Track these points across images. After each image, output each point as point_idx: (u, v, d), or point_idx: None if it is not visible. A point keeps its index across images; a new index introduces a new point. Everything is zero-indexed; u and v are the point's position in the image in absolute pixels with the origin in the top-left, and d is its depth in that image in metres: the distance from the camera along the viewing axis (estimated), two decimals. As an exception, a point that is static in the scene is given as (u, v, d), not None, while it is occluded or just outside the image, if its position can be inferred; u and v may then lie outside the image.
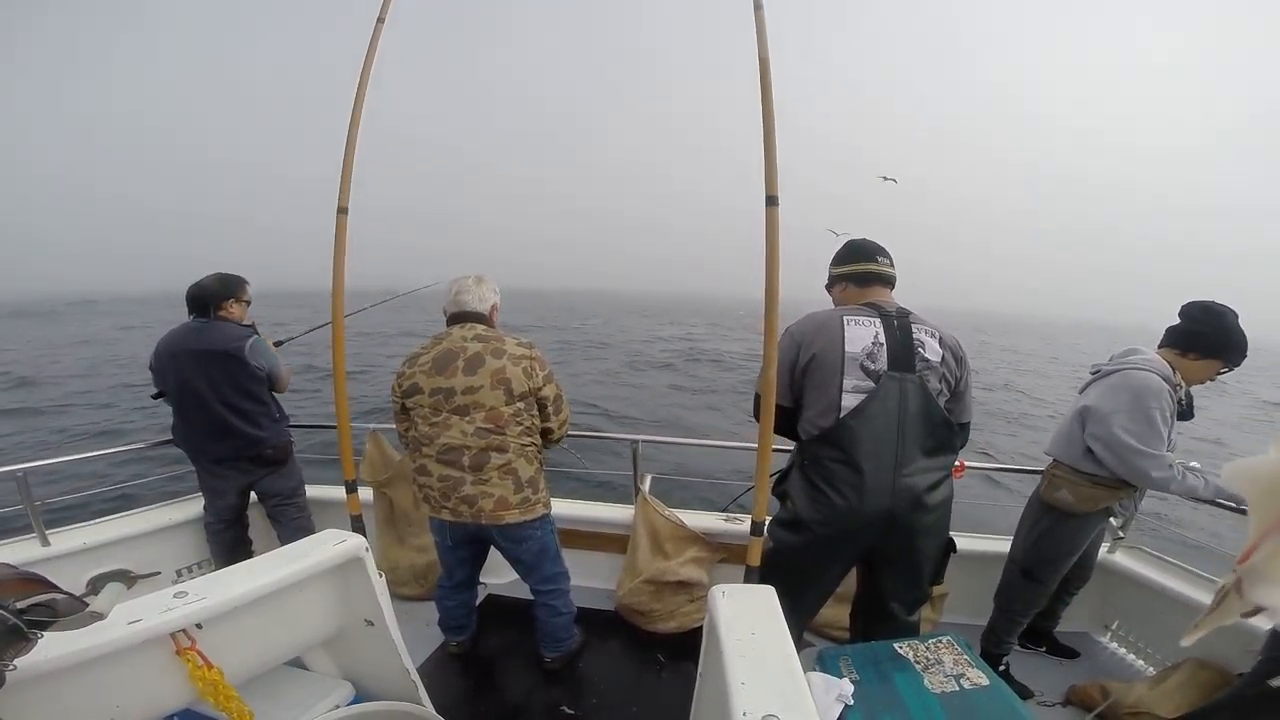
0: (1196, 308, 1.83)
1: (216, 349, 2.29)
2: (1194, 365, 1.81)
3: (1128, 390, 1.77)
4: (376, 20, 1.95)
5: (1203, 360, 1.80)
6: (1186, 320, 1.84)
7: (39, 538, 2.24)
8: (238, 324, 2.41)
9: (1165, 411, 1.73)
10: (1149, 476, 1.73)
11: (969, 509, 3.11)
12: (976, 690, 1.27)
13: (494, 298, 1.96)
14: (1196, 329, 1.81)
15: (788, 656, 1.03)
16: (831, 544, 1.58)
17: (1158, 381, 1.75)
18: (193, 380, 2.28)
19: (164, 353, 2.31)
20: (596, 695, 2.03)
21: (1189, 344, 1.81)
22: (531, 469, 1.88)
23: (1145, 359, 1.83)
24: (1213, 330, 1.79)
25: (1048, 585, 2.03)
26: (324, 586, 1.44)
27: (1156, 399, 1.73)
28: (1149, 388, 1.74)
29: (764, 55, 1.56)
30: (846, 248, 1.73)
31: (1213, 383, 1.86)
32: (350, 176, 1.91)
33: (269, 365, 2.40)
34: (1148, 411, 1.73)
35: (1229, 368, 1.80)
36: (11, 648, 0.73)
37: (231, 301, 2.40)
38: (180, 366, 2.28)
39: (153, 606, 1.10)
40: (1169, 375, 1.78)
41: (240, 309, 2.44)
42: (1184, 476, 1.73)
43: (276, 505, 2.53)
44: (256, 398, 2.39)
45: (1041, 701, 2.02)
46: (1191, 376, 1.83)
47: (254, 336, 2.39)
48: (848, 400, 1.51)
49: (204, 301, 2.35)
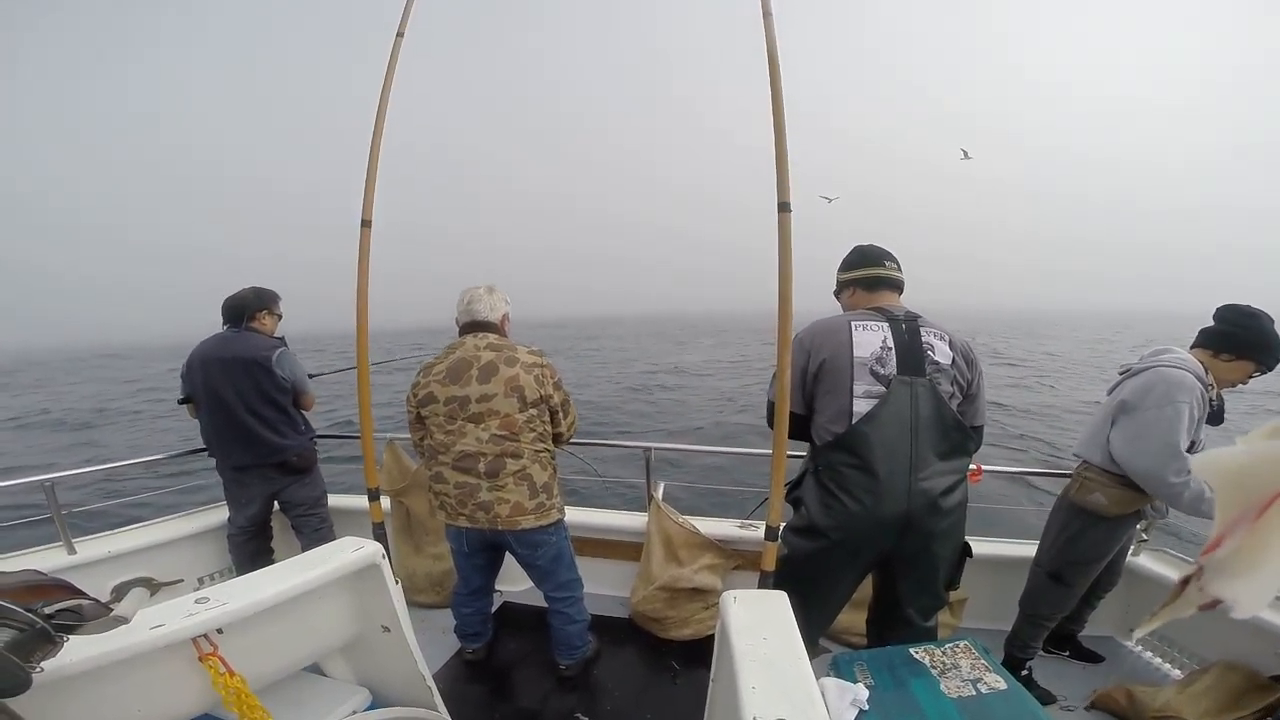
0: (1230, 310, 1.81)
1: (244, 357, 2.37)
2: (1226, 366, 1.78)
3: (1162, 384, 1.74)
4: (396, 34, 1.98)
5: (1236, 361, 1.77)
6: (1220, 322, 1.82)
7: (65, 546, 2.30)
8: (268, 335, 2.50)
9: (1195, 410, 1.70)
10: (1164, 479, 1.67)
11: (991, 512, 3.07)
12: (994, 695, 1.25)
13: (505, 307, 1.99)
14: (1230, 330, 1.79)
15: (799, 661, 1.02)
16: (846, 550, 1.56)
17: (1190, 379, 1.72)
18: (220, 388, 2.34)
19: (194, 360, 2.38)
20: (611, 702, 2.03)
21: (1222, 344, 1.79)
22: (546, 474, 1.90)
23: (1178, 357, 1.80)
24: (1246, 331, 1.76)
25: (1076, 589, 1.99)
26: (342, 593, 1.46)
27: (1188, 395, 1.70)
28: (1182, 384, 1.71)
29: (774, 60, 1.57)
30: (855, 253, 1.73)
31: (1245, 386, 1.82)
32: (374, 189, 1.93)
33: (295, 377, 2.46)
34: (1177, 406, 1.69)
35: (1262, 369, 1.77)
36: (39, 650, 0.75)
37: (265, 313, 2.50)
38: (209, 373, 2.35)
39: (175, 611, 1.13)
40: (1201, 375, 1.75)
41: (272, 321, 2.54)
42: (1197, 484, 1.66)
43: (300, 515, 2.56)
44: (281, 407, 2.45)
45: (1065, 706, 1.98)
46: (1224, 378, 1.80)
47: (282, 348, 2.46)
48: (859, 405, 1.51)
49: (239, 311, 2.44)
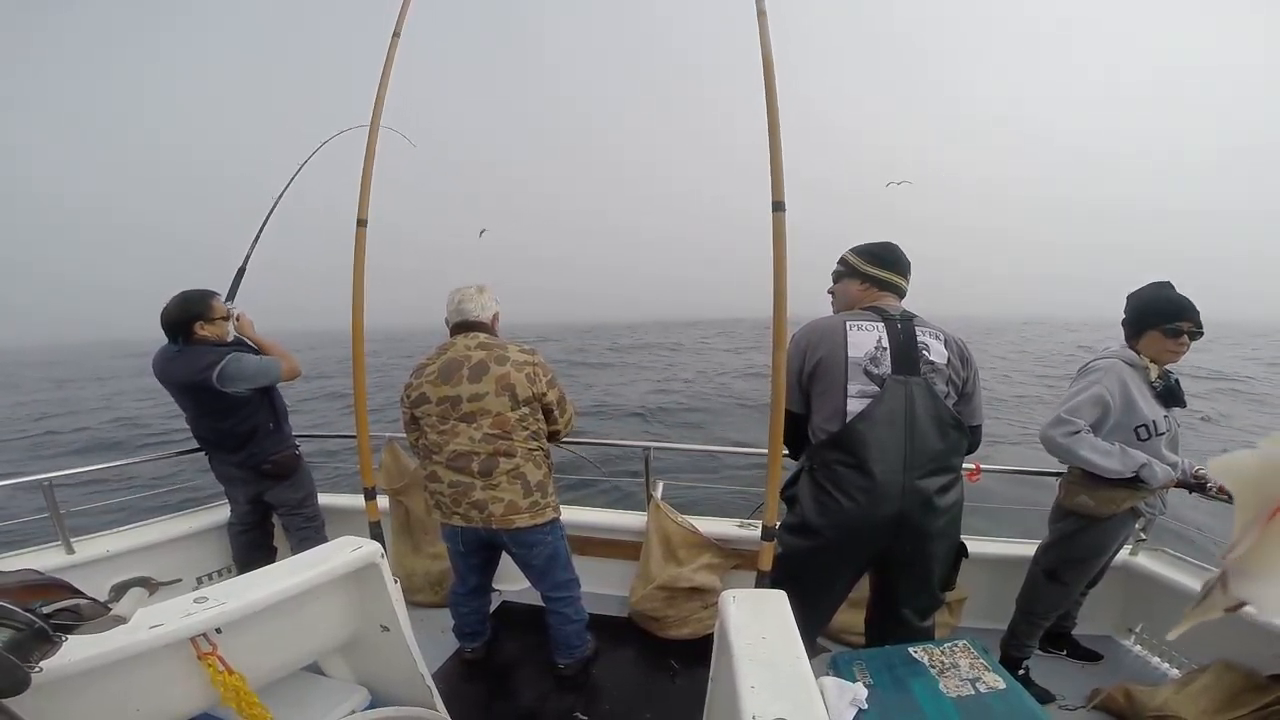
0: (1127, 299, 1.92)
1: (184, 381, 2.19)
2: (1146, 344, 1.85)
3: (1079, 374, 1.88)
4: (392, 35, 1.99)
5: (1145, 336, 1.85)
6: (1123, 313, 1.93)
7: (64, 545, 2.30)
8: (213, 346, 2.21)
9: (1110, 386, 1.78)
10: (1046, 434, 1.80)
11: (989, 512, 3.07)
12: (993, 694, 1.26)
13: (495, 306, 1.99)
14: (1126, 316, 1.91)
15: (798, 660, 1.02)
16: (840, 548, 1.57)
17: (1106, 361, 1.83)
18: (185, 404, 2.28)
19: (157, 375, 2.25)
20: (610, 701, 2.03)
21: (1129, 331, 1.90)
22: (540, 473, 1.90)
23: (1108, 349, 1.92)
24: (1132, 309, 1.88)
25: (1072, 588, 2.01)
26: (341, 592, 1.46)
27: (1100, 375, 1.80)
28: (1096, 366, 1.83)
29: (768, 59, 1.57)
30: (887, 251, 1.68)
31: (1190, 351, 1.85)
32: (370, 188, 1.94)
33: (250, 382, 2.23)
34: (1088, 385, 1.80)
35: (1175, 329, 1.79)
36: (38, 650, 0.75)
37: (200, 323, 2.19)
38: (172, 390, 2.26)
39: (174, 611, 1.13)
40: (1133, 359, 1.83)
41: (214, 328, 2.22)
42: (1088, 442, 1.75)
43: (285, 514, 2.51)
44: (245, 417, 2.28)
45: (1064, 705, 1.98)
46: (1155, 356, 1.84)
47: (225, 359, 2.16)
48: (853, 405, 1.51)
49: (173, 329, 2.19)
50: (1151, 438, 1.79)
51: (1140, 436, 1.79)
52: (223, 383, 2.16)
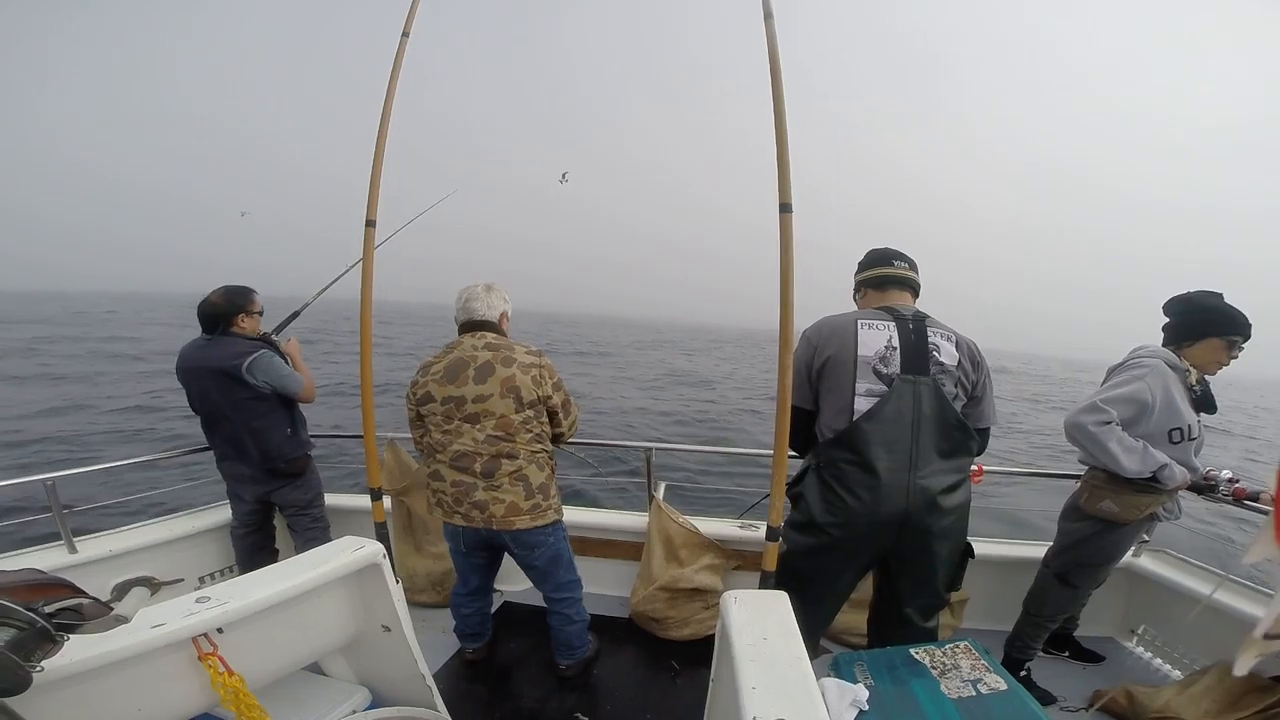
0: (1173, 302, 1.87)
1: (214, 367, 2.27)
2: (1196, 352, 1.82)
3: (1122, 367, 1.84)
4: (401, 35, 1.98)
5: (1200, 343, 1.81)
6: (1170, 315, 1.88)
7: (66, 545, 2.30)
8: (247, 338, 2.35)
9: (1154, 386, 1.74)
10: (1077, 420, 1.76)
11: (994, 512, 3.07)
12: (994, 695, 1.25)
13: (504, 305, 1.98)
14: (1179, 319, 1.85)
15: (800, 661, 1.02)
16: (845, 546, 1.57)
17: (1153, 361, 1.78)
18: (204, 395, 2.32)
19: (181, 367, 2.33)
20: (611, 702, 2.03)
21: (1182, 334, 1.84)
22: (542, 475, 1.89)
23: (1150, 348, 1.86)
24: (1192, 313, 1.82)
25: (1082, 591, 2.00)
26: (342, 592, 1.46)
27: (1145, 370, 1.76)
28: (1140, 362, 1.79)
29: (775, 63, 1.57)
30: (867, 255, 1.75)
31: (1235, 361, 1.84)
32: (379, 189, 1.91)
33: (274, 382, 2.33)
34: (1130, 380, 1.76)
35: (1231, 340, 1.78)
36: (40, 649, 0.75)
37: (242, 316, 2.35)
38: (194, 381, 2.32)
39: (175, 611, 1.13)
40: (1175, 361, 1.79)
41: (252, 322, 2.39)
42: (1116, 435, 1.72)
43: (292, 515, 2.54)
44: (263, 414, 2.35)
45: (1065, 707, 1.98)
46: (1202, 363, 1.82)
47: (257, 353, 2.30)
48: (860, 403, 1.51)
49: (214, 320, 2.32)
50: (1184, 441, 1.78)
51: (1173, 439, 1.78)
52: (252, 373, 2.28)
